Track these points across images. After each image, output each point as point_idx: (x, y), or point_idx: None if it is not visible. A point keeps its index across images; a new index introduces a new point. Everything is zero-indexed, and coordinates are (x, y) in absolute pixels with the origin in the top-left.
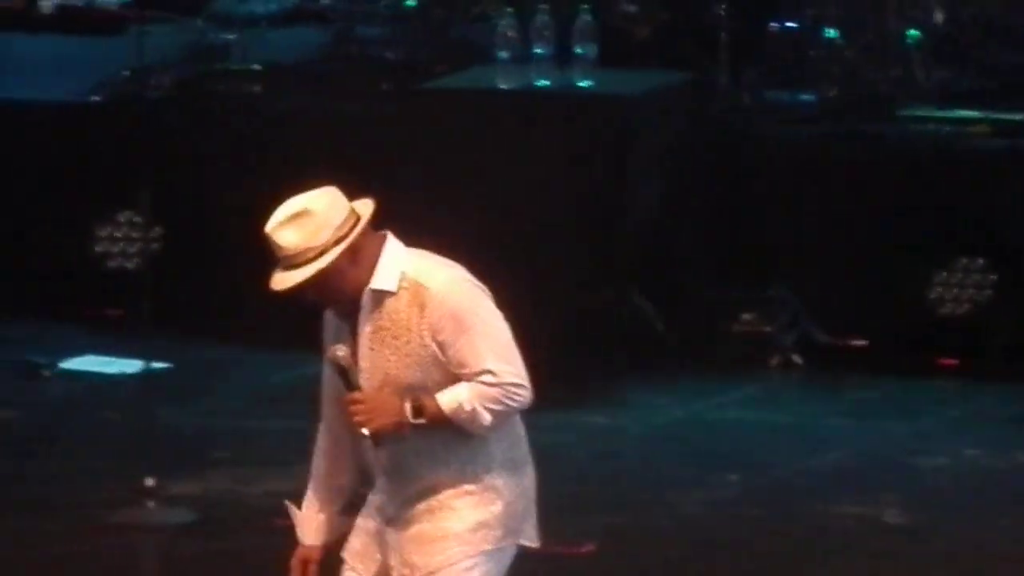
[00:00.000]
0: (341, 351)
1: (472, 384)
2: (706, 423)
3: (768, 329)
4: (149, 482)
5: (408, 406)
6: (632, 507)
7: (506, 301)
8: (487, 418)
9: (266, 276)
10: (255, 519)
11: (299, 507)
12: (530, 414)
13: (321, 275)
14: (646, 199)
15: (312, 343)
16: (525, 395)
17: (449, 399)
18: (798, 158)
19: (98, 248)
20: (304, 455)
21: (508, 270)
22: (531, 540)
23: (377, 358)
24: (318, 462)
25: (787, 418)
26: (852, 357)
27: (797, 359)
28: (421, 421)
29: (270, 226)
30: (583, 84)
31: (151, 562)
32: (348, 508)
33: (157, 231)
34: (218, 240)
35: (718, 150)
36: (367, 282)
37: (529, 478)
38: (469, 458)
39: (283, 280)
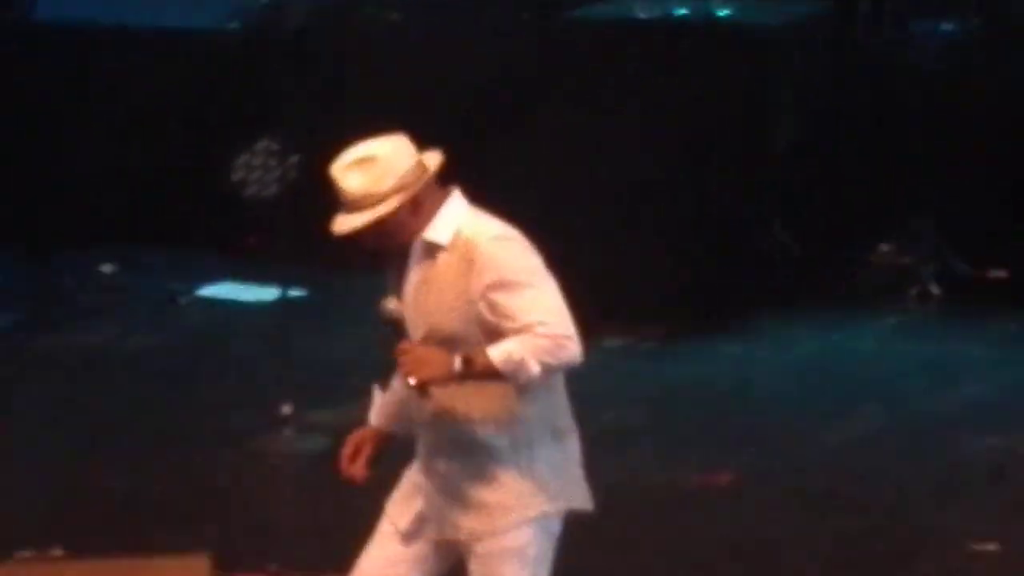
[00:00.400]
0: (391, 304)
1: (521, 336)
2: (844, 354)
3: (908, 260)
4: (286, 410)
5: (458, 358)
6: (769, 438)
7: (644, 232)
8: (536, 368)
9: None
10: (391, 445)
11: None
12: (669, 343)
13: (379, 222)
14: (786, 129)
15: None
16: (574, 348)
17: (499, 350)
18: (940, 88)
19: (236, 176)
20: None
21: (646, 201)
22: (584, 503)
23: (422, 308)
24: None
25: (926, 350)
26: (992, 289)
27: (936, 290)
28: (469, 371)
29: (335, 168)
30: (722, 13)
31: (288, 490)
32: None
33: (294, 159)
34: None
35: (859, 80)
36: (427, 225)
37: (573, 445)
38: (509, 425)
39: (343, 223)
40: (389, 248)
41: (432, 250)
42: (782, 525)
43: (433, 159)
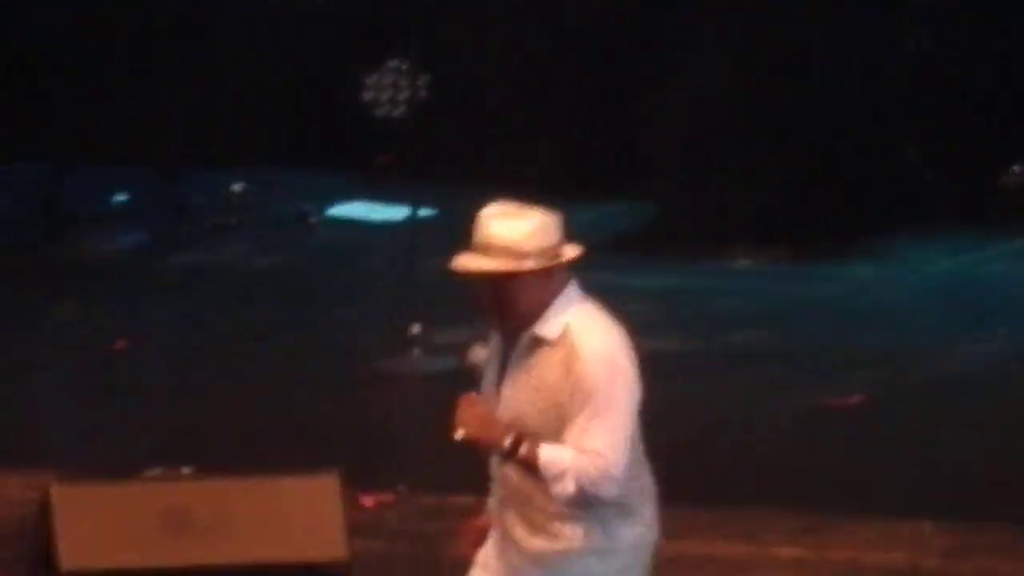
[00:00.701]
0: (476, 355)
1: (577, 454)
2: (975, 276)
3: None
4: (414, 330)
5: (509, 437)
6: (900, 358)
7: (774, 153)
8: (571, 490)
9: (531, 126)
10: None
11: None
12: (800, 265)
13: (512, 275)
14: (916, 49)
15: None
16: (614, 490)
17: (550, 453)
18: None
19: (366, 96)
20: None
21: (777, 122)
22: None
23: (514, 396)
24: None
25: None
26: None
27: None
28: (513, 453)
29: (487, 212)
30: None
31: (416, 410)
32: None
33: (425, 78)
34: (486, 88)
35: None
36: (536, 314)
37: (634, 535)
38: (574, 522)
39: (471, 261)
40: (493, 308)
41: (537, 344)
42: (910, 446)
43: (573, 249)
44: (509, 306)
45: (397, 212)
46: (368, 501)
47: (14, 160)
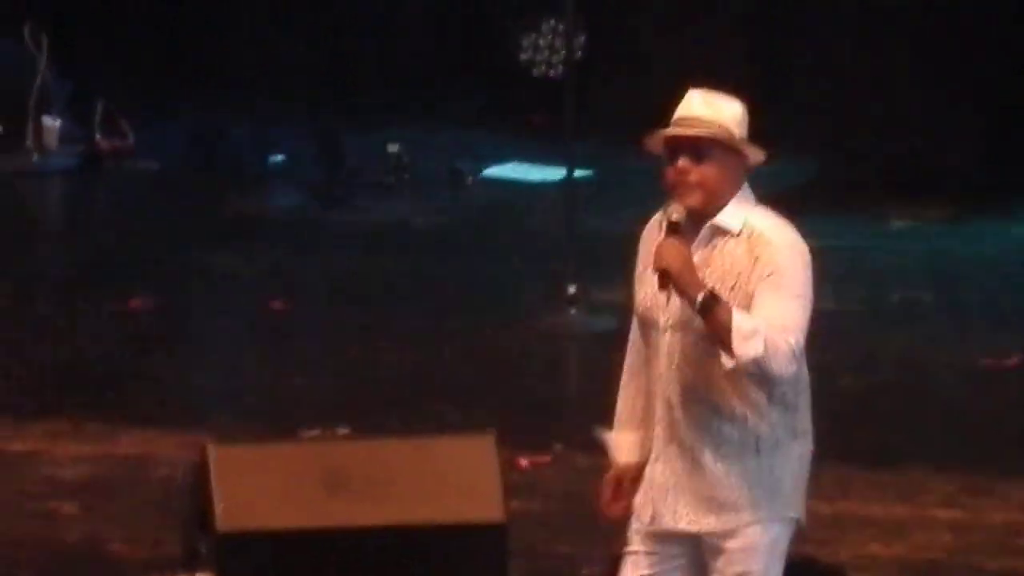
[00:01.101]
0: (678, 212)
1: (769, 325)
2: None
3: None
4: (571, 289)
5: (707, 288)
6: None
7: (933, 114)
8: (759, 349)
9: (685, 86)
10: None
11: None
12: (954, 223)
13: (715, 153)
14: None
15: None
16: (793, 369)
17: (743, 316)
18: None
19: (524, 56)
20: None
21: (935, 86)
22: (802, 513)
23: None
24: (626, 382)
25: None
26: None
27: None
28: (709, 300)
29: (690, 95)
30: None
31: (574, 369)
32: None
33: (582, 39)
34: (642, 48)
35: None
36: (720, 201)
37: (805, 449)
38: (750, 410)
39: (687, 128)
40: (691, 186)
41: (718, 235)
42: None
43: (758, 151)
44: (703, 182)
45: (553, 172)
46: (524, 462)
47: (179, 116)
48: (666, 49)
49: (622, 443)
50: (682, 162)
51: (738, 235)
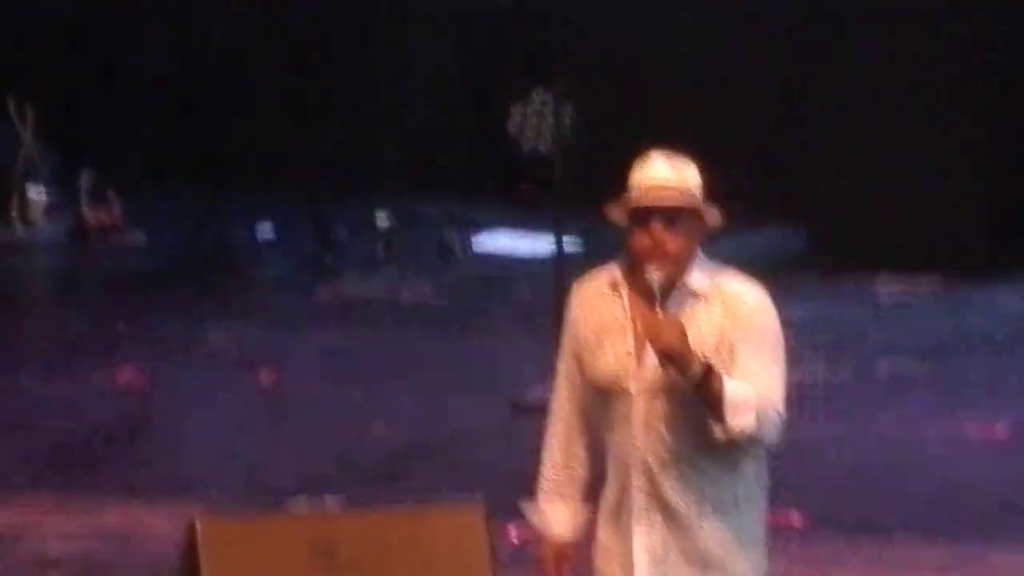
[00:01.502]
0: (654, 275)
1: (759, 395)
2: None
3: None
4: None
5: (701, 357)
6: None
7: (921, 182)
8: (750, 423)
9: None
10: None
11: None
12: (946, 293)
13: (688, 220)
14: None
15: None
16: (777, 438)
17: (736, 387)
18: None
19: (511, 127)
20: None
21: (924, 152)
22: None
23: None
24: (552, 453)
25: None
26: None
27: None
28: (703, 374)
29: (646, 163)
30: None
31: None
32: (586, 498)
33: (569, 110)
34: (631, 117)
35: None
36: (684, 265)
37: (766, 497)
38: (728, 468)
39: (662, 197)
40: (658, 254)
41: (690, 298)
42: None
43: (716, 214)
44: (674, 249)
45: (542, 244)
46: (513, 533)
47: (179, 188)
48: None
49: (558, 515)
50: (658, 231)
51: (709, 297)
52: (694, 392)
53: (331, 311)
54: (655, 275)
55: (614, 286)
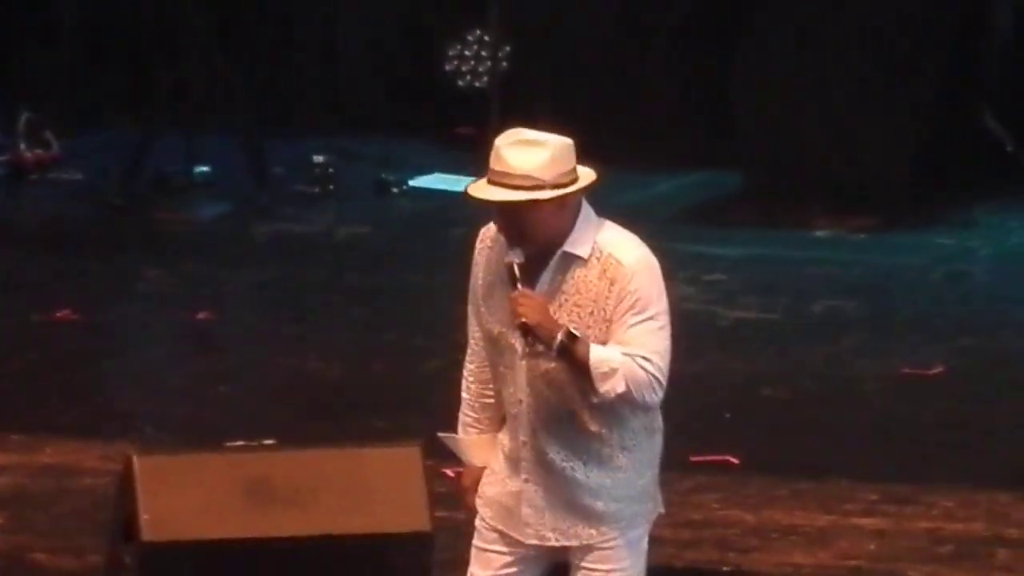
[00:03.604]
0: (518, 256)
1: (627, 357)
2: None
3: None
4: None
5: (564, 328)
6: (982, 329)
7: (853, 123)
8: (619, 388)
9: (621, 104)
10: None
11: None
12: (880, 234)
13: (531, 206)
14: (1003, 18)
15: (668, 162)
16: (659, 397)
17: (601, 351)
18: None
19: (448, 67)
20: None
21: (862, 85)
22: (663, 505)
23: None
24: (468, 386)
25: None
26: None
27: None
28: (566, 343)
29: (503, 141)
30: None
31: None
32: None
33: (507, 49)
34: (570, 58)
35: None
36: (560, 240)
37: (659, 443)
38: (612, 422)
39: (491, 192)
40: (513, 236)
41: (569, 263)
42: (992, 416)
43: (587, 173)
44: (529, 234)
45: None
46: (451, 472)
47: (111, 124)
48: (595, 60)
49: (474, 444)
50: (500, 224)
51: (587, 259)
52: (559, 361)
53: (267, 248)
54: (514, 255)
55: (499, 237)
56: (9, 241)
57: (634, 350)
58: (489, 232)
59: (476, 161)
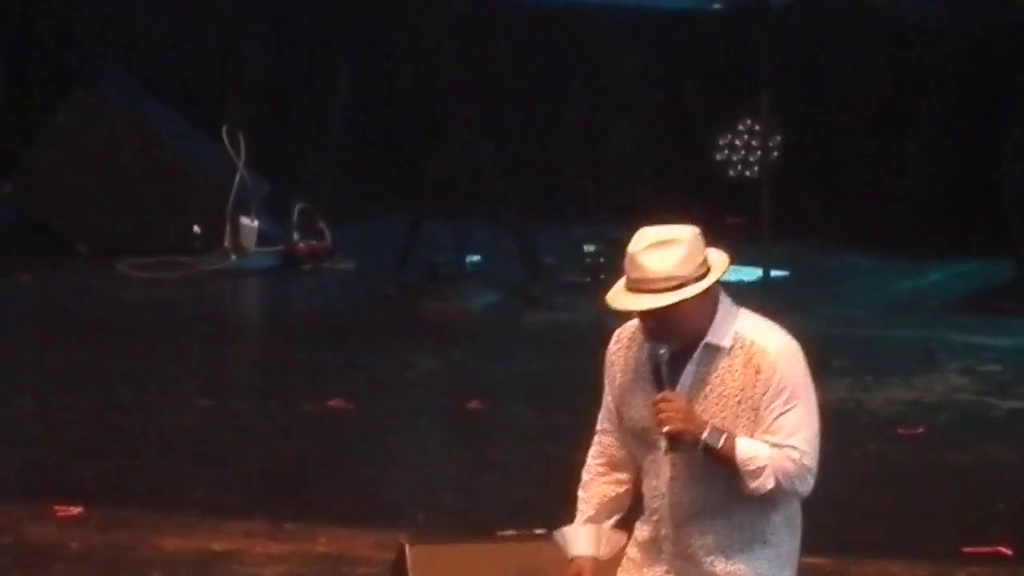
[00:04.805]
0: (664, 351)
1: (775, 450)
2: None
3: None
4: None
5: (709, 427)
6: None
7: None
8: (769, 484)
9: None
10: (876, 426)
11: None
12: None
13: (679, 306)
14: None
15: (934, 251)
16: (810, 486)
17: (748, 447)
18: None
19: (718, 156)
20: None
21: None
22: None
23: (698, 409)
24: (590, 478)
25: None
26: None
27: None
28: (713, 445)
29: (636, 247)
30: None
31: None
32: (622, 524)
33: (777, 139)
34: (838, 147)
35: None
36: (703, 331)
37: (799, 540)
38: (755, 514)
39: (634, 301)
40: (662, 335)
41: (713, 354)
42: None
43: (721, 258)
44: (676, 331)
45: (749, 273)
46: None
47: (381, 214)
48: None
49: (582, 536)
50: (646, 327)
51: (731, 349)
52: (705, 458)
53: (538, 337)
54: (660, 353)
55: (632, 335)
56: (283, 330)
57: (783, 439)
58: (625, 332)
59: (747, 251)
